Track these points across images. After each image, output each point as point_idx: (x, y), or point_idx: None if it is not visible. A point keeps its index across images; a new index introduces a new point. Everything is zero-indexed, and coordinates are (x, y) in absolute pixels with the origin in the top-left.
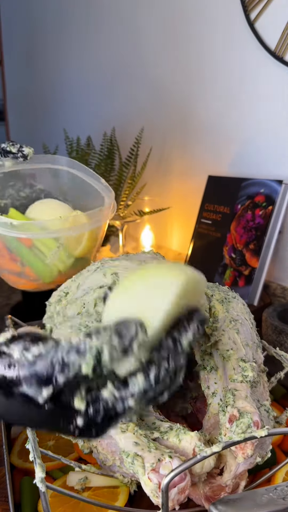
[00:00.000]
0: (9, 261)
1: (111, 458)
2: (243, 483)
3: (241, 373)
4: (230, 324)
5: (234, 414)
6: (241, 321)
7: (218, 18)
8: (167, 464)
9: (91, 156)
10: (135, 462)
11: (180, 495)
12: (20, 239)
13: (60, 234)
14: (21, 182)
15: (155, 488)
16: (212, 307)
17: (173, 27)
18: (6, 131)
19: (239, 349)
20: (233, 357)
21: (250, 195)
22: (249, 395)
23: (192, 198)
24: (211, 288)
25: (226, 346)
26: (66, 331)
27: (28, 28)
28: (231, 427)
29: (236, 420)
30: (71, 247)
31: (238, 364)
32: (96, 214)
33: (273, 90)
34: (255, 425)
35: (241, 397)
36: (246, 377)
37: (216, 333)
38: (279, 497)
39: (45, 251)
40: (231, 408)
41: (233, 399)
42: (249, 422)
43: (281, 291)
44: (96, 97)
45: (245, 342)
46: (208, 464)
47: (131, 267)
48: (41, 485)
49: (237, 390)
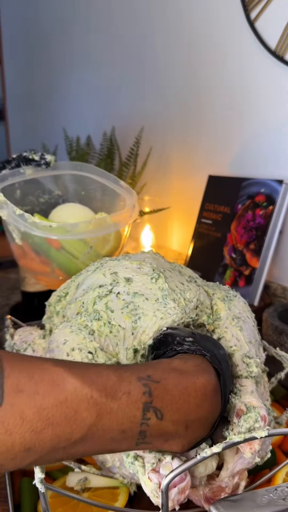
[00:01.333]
0: (39, 264)
1: (111, 460)
2: (243, 484)
3: (246, 369)
4: (232, 321)
5: (241, 408)
6: (243, 319)
7: (218, 18)
8: (167, 464)
9: (91, 156)
10: (135, 462)
11: (180, 495)
12: (49, 242)
13: (89, 235)
14: (40, 189)
15: (155, 488)
16: (214, 305)
17: (173, 27)
18: (6, 130)
19: (242, 346)
20: (237, 354)
21: (251, 195)
22: (254, 390)
23: (192, 198)
24: (212, 287)
25: (229, 343)
26: (66, 331)
27: (28, 28)
28: (239, 422)
29: (244, 414)
30: (99, 247)
31: (242, 361)
32: (120, 215)
33: (273, 89)
34: (262, 419)
35: (247, 392)
36: (251, 373)
37: (219, 330)
38: (279, 497)
39: (72, 251)
40: (238, 403)
41: (239, 394)
42: (257, 416)
43: (282, 291)
44: (96, 97)
45: (248, 339)
46: (210, 466)
47: (130, 267)
48: (41, 486)
49: (242, 386)
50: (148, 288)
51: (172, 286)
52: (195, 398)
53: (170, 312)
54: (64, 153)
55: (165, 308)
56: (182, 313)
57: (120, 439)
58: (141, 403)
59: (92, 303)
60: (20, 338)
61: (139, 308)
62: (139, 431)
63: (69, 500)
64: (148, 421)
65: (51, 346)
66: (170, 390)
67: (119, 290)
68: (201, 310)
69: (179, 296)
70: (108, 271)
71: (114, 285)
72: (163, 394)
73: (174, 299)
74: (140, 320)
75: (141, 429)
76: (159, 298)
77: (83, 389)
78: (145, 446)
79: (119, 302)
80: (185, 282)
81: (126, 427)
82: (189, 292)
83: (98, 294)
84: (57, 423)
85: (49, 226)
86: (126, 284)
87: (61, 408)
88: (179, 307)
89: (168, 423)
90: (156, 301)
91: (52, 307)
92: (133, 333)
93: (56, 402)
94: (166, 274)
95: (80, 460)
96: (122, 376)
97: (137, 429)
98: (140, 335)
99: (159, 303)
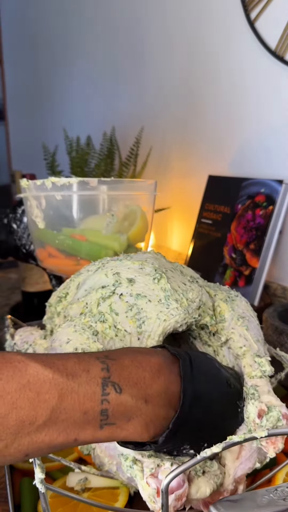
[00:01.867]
0: (65, 260)
1: (108, 463)
2: (241, 487)
3: (259, 369)
4: (238, 321)
5: (262, 408)
6: (248, 318)
7: (218, 18)
8: (166, 470)
9: (91, 156)
10: (134, 466)
11: (177, 502)
12: (75, 237)
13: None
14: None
15: (153, 493)
16: (217, 307)
17: (173, 27)
18: (6, 131)
19: (251, 345)
20: (248, 354)
21: (251, 195)
22: (271, 390)
23: (192, 198)
24: (213, 288)
25: (238, 343)
26: (70, 330)
27: (28, 28)
28: (261, 422)
29: (265, 414)
30: (122, 224)
31: (254, 360)
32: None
33: (273, 89)
34: (284, 417)
35: (264, 392)
36: (265, 372)
37: (225, 332)
38: (279, 498)
39: (96, 240)
40: (259, 403)
41: (257, 394)
42: (279, 415)
43: (282, 291)
44: (96, 97)
45: (256, 338)
46: (204, 490)
47: (132, 267)
48: (41, 486)
49: (258, 386)
50: (150, 289)
51: (174, 287)
52: (150, 373)
53: (173, 313)
54: (64, 153)
55: (167, 309)
56: (185, 313)
57: (83, 422)
58: (100, 378)
59: (96, 304)
60: (21, 338)
61: (143, 311)
62: (101, 410)
63: (69, 500)
64: (108, 397)
65: (54, 344)
66: (126, 366)
67: (122, 291)
68: (204, 310)
69: (182, 297)
70: (110, 271)
71: (117, 286)
72: (120, 369)
73: (176, 300)
74: (144, 324)
75: (103, 408)
76: (161, 299)
77: (44, 371)
78: (111, 429)
79: (123, 304)
80: (187, 282)
81: (88, 406)
82: (192, 292)
83: (102, 295)
84: (20, 407)
85: (68, 183)
86: (128, 285)
87: (24, 391)
88: (182, 308)
89: (127, 396)
90: (159, 302)
91: (53, 308)
92: (139, 338)
93: (19, 386)
94: (168, 274)
95: (80, 460)
96: (81, 357)
97: (98, 408)
98: (146, 340)
99: (162, 304)
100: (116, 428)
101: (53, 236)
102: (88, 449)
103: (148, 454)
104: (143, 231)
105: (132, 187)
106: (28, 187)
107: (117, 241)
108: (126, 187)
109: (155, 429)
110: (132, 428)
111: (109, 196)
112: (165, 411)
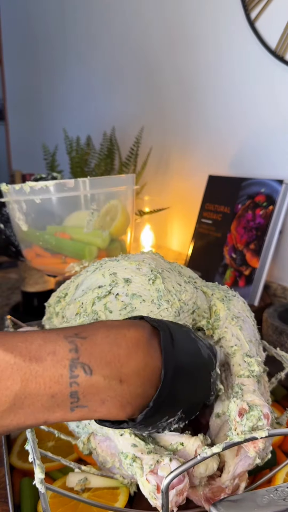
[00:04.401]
0: (51, 258)
1: (111, 460)
2: (243, 485)
3: (247, 368)
4: (232, 321)
5: (243, 407)
6: (243, 318)
7: (219, 18)
8: (165, 465)
9: (91, 156)
10: (134, 464)
11: (178, 497)
12: (61, 236)
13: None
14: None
15: (153, 490)
16: (213, 306)
17: (173, 27)
18: (6, 131)
19: (243, 345)
20: (238, 353)
21: (251, 195)
22: (256, 389)
23: (192, 198)
24: (211, 287)
25: (230, 342)
26: None
27: (28, 28)
28: (241, 421)
29: (246, 413)
30: (104, 219)
31: (244, 360)
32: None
33: (273, 89)
34: (265, 417)
35: (249, 391)
36: (253, 372)
37: (219, 330)
38: (279, 498)
39: (79, 238)
40: (240, 402)
41: (241, 393)
42: (259, 414)
43: (282, 291)
44: (96, 97)
45: (249, 338)
46: (211, 466)
47: (130, 267)
48: (41, 486)
49: (244, 385)
50: (146, 289)
51: (168, 287)
52: (125, 349)
53: (163, 314)
54: (64, 153)
55: (158, 309)
56: (176, 315)
57: (52, 406)
58: (68, 360)
59: (91, 304)
60: None
61: (136, 310)
62: (70, 392)
63: (69, 501)
64: (76, 379)
65: None
66: (98, 344)
67: (118, 291)
68: (199, 314)
69: (174, 297)
70: (107, 271)
71: (113, 286)
72: (91, 348)
73: (168, 301)
74: None
75: (72, 390)
76: (154, 299)
77: (5, 356)
78: (82, 411)
79: (118, 303)
80: (183, 283)
81: (55, 390)
82: (185, 293)
83: (97, 295)
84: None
85: (45, 186)
86: (125, 285)
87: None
88: (173, 308)
89: (99, 377)
90: (152, 303)
91: (52, 308)
92: None
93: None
94: (164, 274)
95: (80, 460)
96: (47, 338)
97: (67, 390)
98: None
99: (154, 304)
100: (89, 410)
101: (37, 237)
102: (88, 449)
103: (147, 451)
104: (125, 224)
105: (109, 183)
106: (8, 191)
107: (99, 237)
108: (103, 184)
109: (132, 408)
110: (105, 410)
111: (87, 195)
112: (142, 390)
